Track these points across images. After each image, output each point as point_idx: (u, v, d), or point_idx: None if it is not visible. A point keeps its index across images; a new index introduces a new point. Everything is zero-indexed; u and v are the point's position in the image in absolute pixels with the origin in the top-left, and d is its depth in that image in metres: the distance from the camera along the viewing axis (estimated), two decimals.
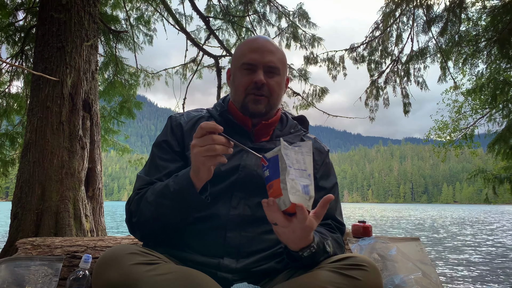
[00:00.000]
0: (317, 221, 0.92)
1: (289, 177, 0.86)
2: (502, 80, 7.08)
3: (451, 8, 5.97)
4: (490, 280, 4.40)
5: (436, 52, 6.57)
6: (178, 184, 1.03)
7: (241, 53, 1.21)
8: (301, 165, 0.90)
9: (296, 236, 0.91)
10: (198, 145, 0.96)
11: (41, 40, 3.73)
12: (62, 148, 3.53)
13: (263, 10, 6.43)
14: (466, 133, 11.81)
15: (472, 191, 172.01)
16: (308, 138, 1.32)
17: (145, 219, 1.09)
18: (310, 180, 0.89)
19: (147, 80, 6.95)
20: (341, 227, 1.22)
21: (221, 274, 1.05)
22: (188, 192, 1.02)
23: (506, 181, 8.15)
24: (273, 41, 1.26)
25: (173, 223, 1.09)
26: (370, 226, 1.90)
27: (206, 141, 0.95)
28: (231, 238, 1.09)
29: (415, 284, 1.51)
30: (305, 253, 0.96)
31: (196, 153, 0.96)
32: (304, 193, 0.87)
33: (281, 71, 1.21)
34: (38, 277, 1.45)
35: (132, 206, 1.13)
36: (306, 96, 6.56)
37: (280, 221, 0.88)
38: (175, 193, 1.03)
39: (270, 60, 1.18)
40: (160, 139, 1.24)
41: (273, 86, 1.19)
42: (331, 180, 1.28)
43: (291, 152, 0.89)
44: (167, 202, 1.05)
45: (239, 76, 1.20)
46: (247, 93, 1.18)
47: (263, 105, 1.18)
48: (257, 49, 1.19)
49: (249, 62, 1.18)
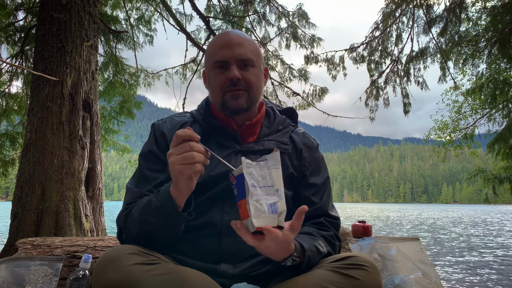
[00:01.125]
0: (293, 233, 0.90)
1: (252, 199, 0.84)
2: (502, 80, 7.08)
3: (451, 8, 5.97)
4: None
5: (436, 52, 6.57)
6: (159, 201, 0.99)
7: (211, 51, 1.16)
8: (267, 181, 0.87)
9: (272, 250, 0.90)
10: (174, 153, 0.92)
11: (41, 40, 3.73)
12: (62, 148, 3.53)
13: (263, 10, 6.44)
14: (466, 133, 11.82)
15: (472, 191, 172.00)
16: (297, 133, 1.28)
17: (132, 237, 1.06)
18: (279, 196, 0.87)
19: (147, 80, 6.94)
20: (335, 222, 1.21)
21: (219, 279, 1.03)
22: (169, 209, 0.98)
23: (506, 181, 8.15)
24: (242, 33, 1.19)
25: (162, 239, 1.06)
26: (370, 226, 1.90)
27: (183, 149, 0.91)
28: (227, 244, 1.08)
29: (415, 284, 1.51)
30: (288, 262, 0.96)
31: (173, 162, 0.91)
32: (271, 212, 0.85)
33: (256, 62, 1.15)
34: (38, 277, 1.45)
35: (121, 222, 1.10)
36: (306, 96, 6.56)
37: (251, 242, 0.87)
38: (157, 210, 0.99)
39: (241, 53, 1.11)
40: (146, 150, 1.20)
41: (250, 79, 1.13)
42: (322, 175, 1.25)
43: (255, 169, 0.87)
44: (150, 219, 1.01)
45: (213, 76, 1.14)
46: (224, 91, 1.12)
47: (243, 99, 1.12)
48: (226, 44, 1.12)
49: (220, 59, 1.12)
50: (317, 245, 1.03)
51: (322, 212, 1.19)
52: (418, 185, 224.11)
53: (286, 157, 1.19)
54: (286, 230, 0.88)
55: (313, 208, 1.17)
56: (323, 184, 1.24)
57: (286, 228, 0.89)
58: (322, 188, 1.23)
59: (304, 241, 1.01)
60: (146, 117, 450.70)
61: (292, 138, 1.25)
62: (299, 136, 1.27)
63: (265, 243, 0.87)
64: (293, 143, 1.24)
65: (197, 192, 1.12)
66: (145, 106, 7.91)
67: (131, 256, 0.92)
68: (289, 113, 1.33)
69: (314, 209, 1.18)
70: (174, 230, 1.03)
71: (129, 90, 6.49)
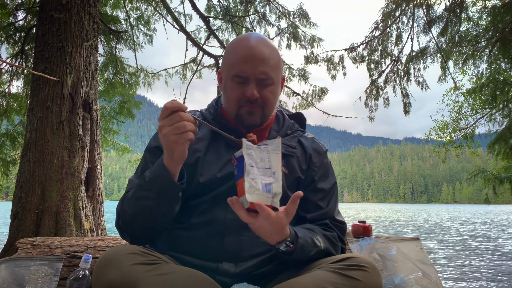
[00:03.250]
0: (288, 216, 0.93)
1: (248, 177, 0.89)
2: (502, 80, 7.08)
3: (452, 8, 5.97)
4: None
5: (436, 52, 6.57)
6: (153, 173, 1.02)
7: (232, 61, 1.13)
8: (265, 163, 0.92)
9: (266, 230, 0.93)
10: (166, 125, 0.94)
11: (41, 40, 3.73)
12: (62, 148, 3.53)
13: (263, 10, 6.44)
14: (467, 133, 11.82)
15: (472, 191, 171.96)
16: (306, 138, 1.29)
17: (128, 218, 1.06)
18: (275, 178, 0.92)
19: (147, 80, 6.95)
20: (341, 226, 1.22)
21: (220, 278, 1.04)
22: (163, 178, 1.00)
23: (506, 181, 8.15)
24: (266, 40, 1.15)
25: (156, 218, 1.05)
26: (370, 226, 1.90)
27: (174, 120, 0.93)
28: (229, 242, 1.08)
29: (415, 284, 1.51)
30: (282, 247, 0.98)
31: (166, 133, 0.94)
32: (265, 191, 0.89)
33: (275, 79, 1.14)
34: (38, 277, 1.45)
35: (118, 208, 1.11)
36: (306, 96, 6.56)
37: (245, 218, 0.91)
38: (150, 182, 1.01)
39: (262, 71, 1.09)
40: (153, 145, 1.19)
41: (267, 97, 1.13)
42: (330, 181, 1.26)
43: (254, 151, 0.92)
44: (144, 193, 1.03)
45: (231, 87, 1.13)
46: (240, 105, 1.12)
47: (258, 116, 1.13)
48: (249, 59, 1.09)
49: (240, 75, 1.10)
50: (313, 238, 1.04)
51: (328, 217, 1.20)
52: (418, 185, 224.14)
53: (294, 161, 1.20)
54: (280, 212, 0.92)
55: (319, 213, 1.19)
56: (330, 189, 1.25)
57: (280, 211, 0.92)
58: (330, 194, 1.24)
59: (299, 230, 1.04)
60: (146, 117, 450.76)
61: (301, 143, 1.27)
62: (309, 141, 1.29)
63: (258, 221, 0.90)
64: (302, 147, 1.26)
65: (203, 191, 1.12)
66: (145, 106, 7.92)
67: (131, 256, 0.92)
68: (298, 118, 1.35)
69: (321, 214, 1.19)
70: (168, 206, 1.04)
71: (129, 90, 6.49)
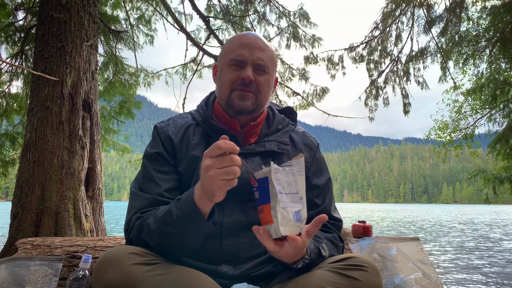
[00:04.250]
0: (309, 238, 0.91)
1: (279, 206, 0.83)
2: (502, 80, 7.08)
3: (452, 8, 5.97)
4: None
5: (436, 52, 6.56)
6: (182, 210, 0.94)
7: (230, 48, 1.15)
8: (292, 188, 0.86)
9: (288, 256, 0.91)
10: (214, 166, 0.84)
11: (41, 40, 3.73)
12: (62, 148, 3.53)
13: (263, 10, 6.43)
14: (467, 133, 11.81)
15: (472, 191, 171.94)
16: (296, 132, 1.27)
17: (149, 248, 0.99)
18: (302, 204, 0.88)
19: (147, 80, 6.95)
20: (337, 224, 1.21)
21: (219, 281, 1.03)
22: (194, 218, 0.93)
23: (506, 181, 8.15)
24: (263, 38, 1.19)
25: (181, 250, 1.02)
26: (370, 226, 1.90)
27: (226, 163, 0.84)
28: (227, 245, 1.08)
29: (415, 284, 1.51)
30: (299, 265, 0.97)
31: (212, 176, 0.84)
32: (296, 220, 0.85)
33: (270, 70, 1.16)
34: (38, 277, 1.45)
35: (134, 234, 1.03)
36: (306, 96, 6.56)
37: (271, 247, 0.87)
38: (179, 221, 0.94)
39: (259, 57, 1.12)
40: (152, 151, 1.15)
41: (262, 83, 1.13)
42: (324, 176, 1.24)
43: (281, 175, 0.86)
44: (171, 230, 0.96)
45: (227, 72, 1.14)
46: (233, 88, 1.12)
47: (250, 101, 1.12)
48: (247, 45, 1.13)
49: (238, 58, 1.12)
50: (320, 248, 1.03)
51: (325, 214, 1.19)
52: (418, 185, 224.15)
53: (286, 158, 1.18)
54: (303, 236, 0.89)
55: (316, 210, 1.17)
56: (325, 185, 1.23)
57: (303, 235, 0.89)
58: (325, 190, 1.22)
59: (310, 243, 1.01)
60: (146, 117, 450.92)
61: (292, 138, 1.24)
62: (299, 136, 1.26)
63: (284, 249, 0.87)
64: (293, 143, 1.23)
65: None
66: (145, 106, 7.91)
67: (131, 256, 0.92)
68: (288, 112, 1.32)
69: (317, 211, 1.17)
70: (197, 240, 0.99)
71: (129, 90, 6.49)
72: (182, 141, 1.16)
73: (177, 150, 1.15)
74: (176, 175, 1.13)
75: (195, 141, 1.16)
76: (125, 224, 1.10)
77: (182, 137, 1.17)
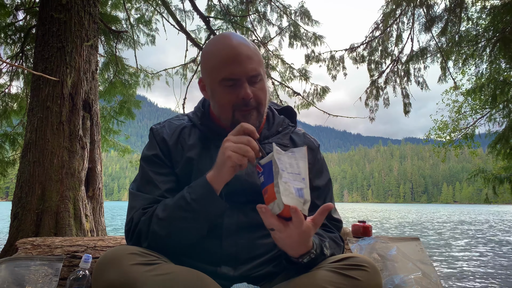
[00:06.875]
0: (314, 227, 0.91)
1: (282, 180, 0.86)
2: (502, 80, 7.08)
3: (452, 8, 5.97)
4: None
5: (436, 52, 6.57)
6: (195, 193, 0.99)
7: (216, 64, 1.06)
8: (294, 169, 0.90)
9: (293, 241, 0.90)
10: (232, 140, 0.96)
11: (41, 40, 3.73)
12: (62, 148, 3.53)
13: (264, 10, 6.44)
14: (466, 133, 11.82)
15: (472, 191, 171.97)
16: (297, 134, 1.26)
17: (159, 239, 1.01)
18: (305, 184, 0.89)
19: (147, 80, 6.95)
20: (338, 224, 1.21)
21: (219, 281, 1.02)
22: (209, 197, 0.98)
23: (506, 181, 8.15)
24: (244, 39, 1.10)
25: (190, 238, 1.04)
26: (370, 226, 1.90)
27: (241, 140, 0.95)
28: (227, 246, 1.07)
29: (415, 284, 1.51)
30: (305, 259, 0.96)
31: (227, 147, 0.94)
32: (298, 196, 0.87)
33: (262, 72, 1.10)
34: (38, 277, 1.45)
35: (141, 227, 1.03)
36: (306, 96, 6.56)
37: (276, 225, 0.88)
38: (194, 203, 0.99)
39: (252, 68, 1.05)
40: (149, 153, 1.15)
41: (260, 95, 1.08)
42: (324, 177, 1.24)
43: (284, 156, 0.90)
44: (184, 214, 0.99)
45: (222, 93, 1.07)
46: (234, 109, 1.07)
47: (254, 117, 1.08)
48: (235, 59, 1.04)
49: (231, 77, 1.04)
50: (323, 246, 1.03)
51: (326, 216, 1.20)
52: (418, 185, 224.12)
53: None
54: (309, 222, 0.90)
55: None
56: (325, 186, 1.23)
57: (308, 221, 0.90)
58: (325, 191, 1.23)
59: (314, 238, 1.01)
60: (146, 117, 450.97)
61: (292, 139, 1.24)
62: (300, 137, 1.26)
63: (288, 230, 0.88)
64: (294, 144, 1.23)
65: None
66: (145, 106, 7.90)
67: (131, 256, 0.92)
68: (288, 112, 1.30)
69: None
70: (209, 224, 1.03)
71: (129, 90, 6.50)
72: (177, 143, 1.16)
73: (172, 152, 1.15)
74: (174, 176, 1.14)
75: (191, 142, 1.16)
76: (126, 224, 1.10)
77: (177, 138, 1.17)
